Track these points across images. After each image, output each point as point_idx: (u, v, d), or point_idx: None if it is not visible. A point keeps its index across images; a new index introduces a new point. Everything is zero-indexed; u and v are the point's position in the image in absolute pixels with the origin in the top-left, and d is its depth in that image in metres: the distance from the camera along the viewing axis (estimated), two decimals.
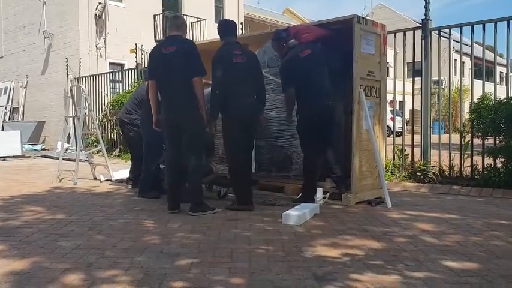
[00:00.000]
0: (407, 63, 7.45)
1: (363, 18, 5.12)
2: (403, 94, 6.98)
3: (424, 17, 6.64)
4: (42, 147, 15.44)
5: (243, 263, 2.90)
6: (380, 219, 4.24)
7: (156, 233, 3.73)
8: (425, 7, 6.58)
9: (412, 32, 6.76)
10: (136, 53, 12.31)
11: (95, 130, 10.19)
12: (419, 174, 6.37)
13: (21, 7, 18.27)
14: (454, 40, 6.80)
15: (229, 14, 20.62)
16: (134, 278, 2.63)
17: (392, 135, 8.75)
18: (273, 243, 3.37)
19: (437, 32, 7.24)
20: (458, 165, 6.32)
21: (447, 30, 6.70)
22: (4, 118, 17.25)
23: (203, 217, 4.31)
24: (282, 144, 5.64)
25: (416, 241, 3.45)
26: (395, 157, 6.88)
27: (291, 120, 5.12)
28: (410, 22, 30.14)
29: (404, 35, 6.80)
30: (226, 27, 4.97)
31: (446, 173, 6.39)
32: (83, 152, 8.15)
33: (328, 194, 5.07)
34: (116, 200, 5.40)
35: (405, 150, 6.80)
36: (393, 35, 6.66)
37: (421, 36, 6.61)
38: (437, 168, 6.41)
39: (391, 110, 16.66)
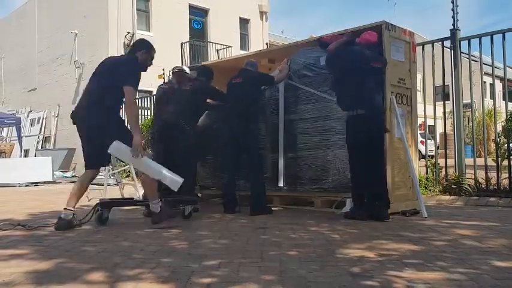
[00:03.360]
0: (436, 87, 7.14)
1: (392, 24, 4.97)
2: (434, 117, 6.80)
3: (452, 27, 6.50)
4: (73, 174, 15.63)
5: (273, 263, 2.76)
6: (416, 227, 4.04)
7: (183, 239, 3.63)
8: (453, 17, 6.47)
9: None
10: (164, 78, 12.49)
11: None
12: (454, 186, 6.12)
13: (54, 40, 18.95)
14: (484, 64, 6.54)
15: (254, 41, 20.90)
16: (161, 275, 2.53)
17: (423, 159, 8.42)
18: (304, 247, 3.23)
19: (466, 41, 6.99)
20: (495, 177, 6.05)
21: (477, 54, 6.49)
22: (37, 147, 17.69)
23: (231, 225, 4.21)
24: (317, 155, 5.40)
25: (457, 244, 3.25)
26: (429, 171, 6.65)
27: None
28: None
29: (433, 46, 6.65)
30: None
31: (483, 186, 6.12)
32: (112, 176, 8.17)
33: None
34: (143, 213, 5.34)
35: (438, 163, 6.57)
36: (421, 47, 6.48)
37: (450, 46, 6.46)
38: (473, 181, 6.15)
39: (421, 134, 16.30)
